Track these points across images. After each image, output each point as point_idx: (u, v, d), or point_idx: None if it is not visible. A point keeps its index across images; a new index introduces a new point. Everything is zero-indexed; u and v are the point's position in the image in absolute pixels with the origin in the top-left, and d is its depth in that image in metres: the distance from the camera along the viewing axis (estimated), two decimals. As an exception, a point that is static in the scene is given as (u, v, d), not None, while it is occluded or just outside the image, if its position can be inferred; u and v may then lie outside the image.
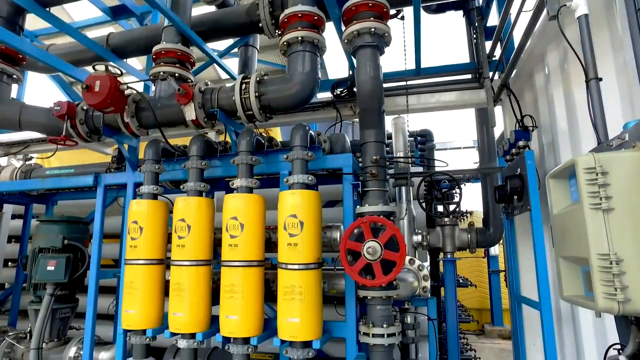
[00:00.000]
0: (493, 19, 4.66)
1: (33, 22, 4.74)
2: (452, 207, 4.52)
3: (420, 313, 4.60)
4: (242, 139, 3.32)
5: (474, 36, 4.56)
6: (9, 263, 6.89)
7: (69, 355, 4.34)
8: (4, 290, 6.36)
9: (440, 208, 5.24)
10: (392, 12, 3.75)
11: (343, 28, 3.42)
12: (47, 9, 3.70)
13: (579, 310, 2.91)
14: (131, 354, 3.52)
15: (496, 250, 9.89)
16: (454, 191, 5.14)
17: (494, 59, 4.34)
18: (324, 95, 4.97)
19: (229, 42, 5.14)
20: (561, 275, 1.58)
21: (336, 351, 4.28)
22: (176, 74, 3.61)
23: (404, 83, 4.61)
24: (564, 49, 2.99)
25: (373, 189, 3.32)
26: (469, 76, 4.63)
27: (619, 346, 1.67)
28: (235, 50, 5.35)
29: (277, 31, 3.98)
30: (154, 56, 3.73)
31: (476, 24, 4.52)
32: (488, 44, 4.41)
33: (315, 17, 3.38)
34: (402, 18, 3.96)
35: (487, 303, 10.64)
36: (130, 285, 3.39)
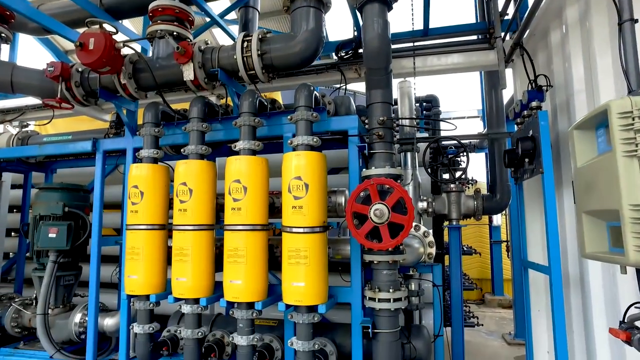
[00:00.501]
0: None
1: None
2: (458, 174, 4.42)
3: (425, 279, 4.59)
4: (244, 100, 3.19)
5: (486, -6, 4.34)
6: (12, 233, 6.88)
7: (75, 320, 4.36)
8: (9, 259, 6.37)
9: (445, 175, 5.15)
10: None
11: (349, -18, 3.23)
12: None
13: (588, 274, 2.86)
14: (136, 320, 3.52)
15: (498, 220, 9.88)
16: (459, 158, 5.03)
17: (506, 17, 4.14)
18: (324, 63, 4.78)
19: (228, 3, 4.93)
20: (583, 232, 1.50)
21: (340, 318, 4.28)
22: (174, 33, 3.44)
23: (410, 45, 4.43)
24: (585, 2, 2.82)
25: (380, 151, 3.21)
26: (476, 37, 4.43)
27: (640, 304, 1.62)
28: (235, 16, 5.13)
29: (279, -12, 3.78)
30: (150, 14, 3.54)
31: (488, -19, 4.29)
32: (500, 3, 4.20)
33: (320, -30, 3.18)
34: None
35: (487, 273, 10.72)
36: (132, 251, 3.34)
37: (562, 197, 3.19)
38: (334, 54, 4.44)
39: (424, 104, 5.99)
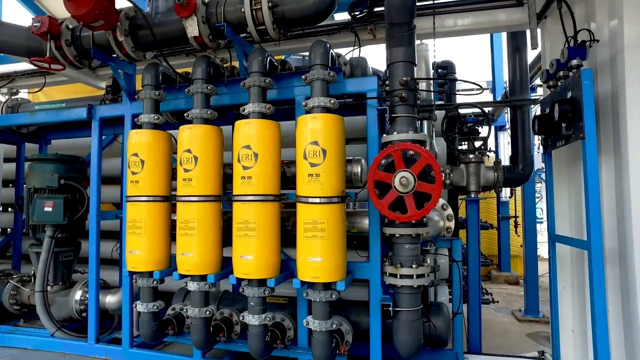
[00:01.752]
0: None
1: None
2: (478, 143, 4.15)
3: (441, 254, 4.37)
4: (253, 59, 2.89)
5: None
6: (9, 208, 6.64)
7: (75, 298, 4.17)
8: (6, 235, 6.16)
9: (462, 145, 4.88)
10: None
11: None
12: None
13: (632, 248, 2.62)
14: (139, 297, 3.31)
15: (507, 196, 9.65)
16: (477, 127, 4.75)
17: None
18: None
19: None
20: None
21: (350, 295, 4.07)
22: (174, -17, 3.10)
23: (429, 2, 4.06)
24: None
25: (402, 114, 2.94)
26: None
27: None
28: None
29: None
30: (146, -37, 3.19)
31: None
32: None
33: None
34: None
35: (494, 249, 10.56)
36: (133, 225, 3.10)
37: (600, 166, 2.93)
38: (347, 13, 4.07)
39: (439, 70, 5.65)
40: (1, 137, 4.81)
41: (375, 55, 4.55)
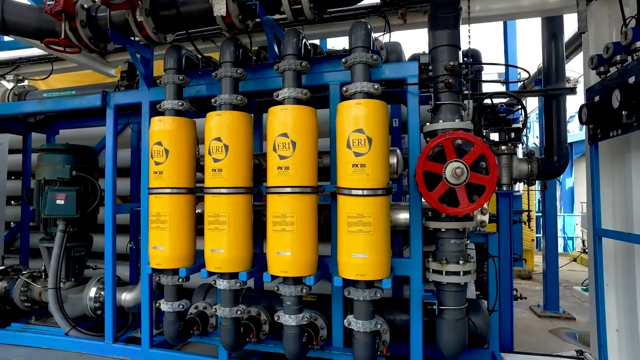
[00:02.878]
0: None
1: None
2: (513, 134, 3.95)
3: (469, 249, 4.19)
4: (288, 41, 2.67)
5: None
6: (12, 201, 6.41)
7: (90, 295, 3.98)
8: (10, 228, 5.94)
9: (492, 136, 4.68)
10: None
11: None
12: None
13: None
14: (156, 294, 3.11)
15: (520, 189, 9.48)
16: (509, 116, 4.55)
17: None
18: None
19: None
20: None
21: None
22: (200, -42, 2.88)
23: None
24: None
25: (447, 102, 2.75)
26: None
27: None
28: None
29: None
30: (168, -63, 2.96)
31: None
32: None
33: None
34: None
35: (505, 243, 10.42)
36: (157, 219, 2.90)
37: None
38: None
39: (464, 58, 5.41)
40: (7, 126, 4.58)
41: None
